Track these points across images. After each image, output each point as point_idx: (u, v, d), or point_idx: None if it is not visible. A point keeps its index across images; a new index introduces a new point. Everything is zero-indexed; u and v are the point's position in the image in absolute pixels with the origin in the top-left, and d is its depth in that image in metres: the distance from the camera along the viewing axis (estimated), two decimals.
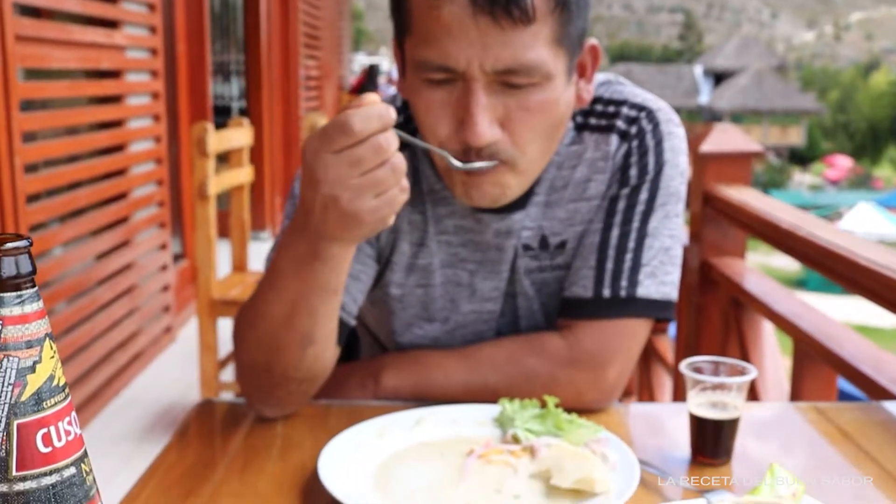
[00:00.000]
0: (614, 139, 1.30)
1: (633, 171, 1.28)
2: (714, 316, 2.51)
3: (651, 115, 1.31)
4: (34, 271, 0.51)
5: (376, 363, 1.32)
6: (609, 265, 1.26)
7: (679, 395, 2.77)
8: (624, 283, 1.25)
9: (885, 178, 52.98)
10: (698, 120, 50.39)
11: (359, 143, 1.00)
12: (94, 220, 3.97)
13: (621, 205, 1.28)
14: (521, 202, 1.30)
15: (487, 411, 1.18)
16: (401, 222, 1.32)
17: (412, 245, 1.33)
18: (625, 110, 1.31)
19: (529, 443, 1.09)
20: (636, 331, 1.26)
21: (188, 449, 1.21)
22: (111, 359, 4.08)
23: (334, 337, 1.18)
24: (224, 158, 3.74)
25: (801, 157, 53.82)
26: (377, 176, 1.01)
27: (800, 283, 20.51)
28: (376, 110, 1.00)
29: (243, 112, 8.06)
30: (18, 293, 0.50)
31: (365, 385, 1.30)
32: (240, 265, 3.80)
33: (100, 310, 3.97)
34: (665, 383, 3.00)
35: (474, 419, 1.17)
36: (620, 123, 1.30)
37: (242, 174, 3.70)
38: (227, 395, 3.93)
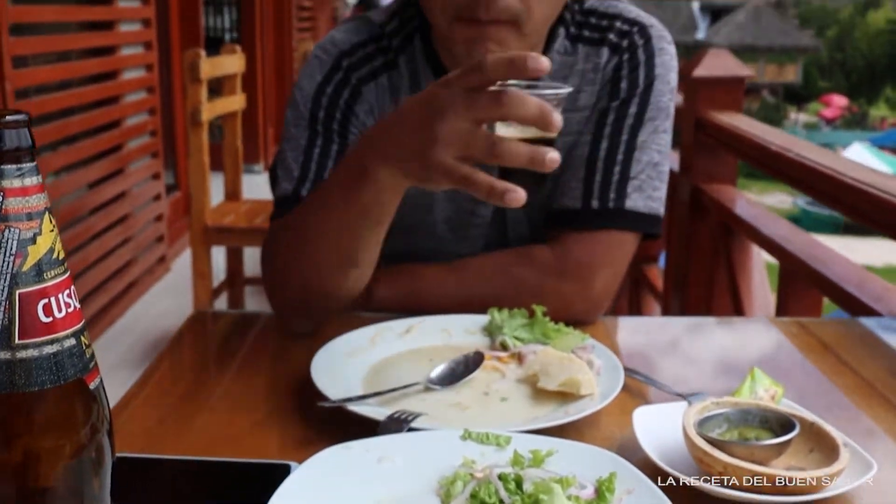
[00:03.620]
0: (605, 52, 1.31)
1: (624, 85, 1.30)
2: (704, 242, 2.53)
3: (643, 31, 1.32)
4: (34, 145, 0.52)
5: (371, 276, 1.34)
6: (598, 177, 1.28)
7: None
8: (612, 194, 1.27)
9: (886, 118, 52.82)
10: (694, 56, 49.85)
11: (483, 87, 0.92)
12: (87, 147, 3.95)
13: (611, 117, 1.29)
14: None
15: (476, 320, 1.20)
16: None
17: None
18: (618, 24, 1.32)
19: (517, 349, 1.11)
20: (624, 243, 1.28)
21: (182, 356, 1.23)
22: (105, 288, 4.10)
23: (376, 262, 1.18)
24: (216, 91, 3.72)
25: (796, 96, 53.47)
26: (473, 136, 0.92)
27: (793, 222, 20.56)
28: (511, 59, 0.89)
29: (235, 42, 7.97)
30: (18, 166, 0.52)
31: (358, 296, 1.32)
32: (233, 194, 3.81)
33: (93, 238, 3.98)
34: (655, 311, 3.04)
35: (463, 327, 1.19)
36: (612, 37, 1.32)
37: (235, 101, 3.68)
38: None
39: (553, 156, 0.91)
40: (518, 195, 0.91)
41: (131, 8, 4.49)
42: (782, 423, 0.88)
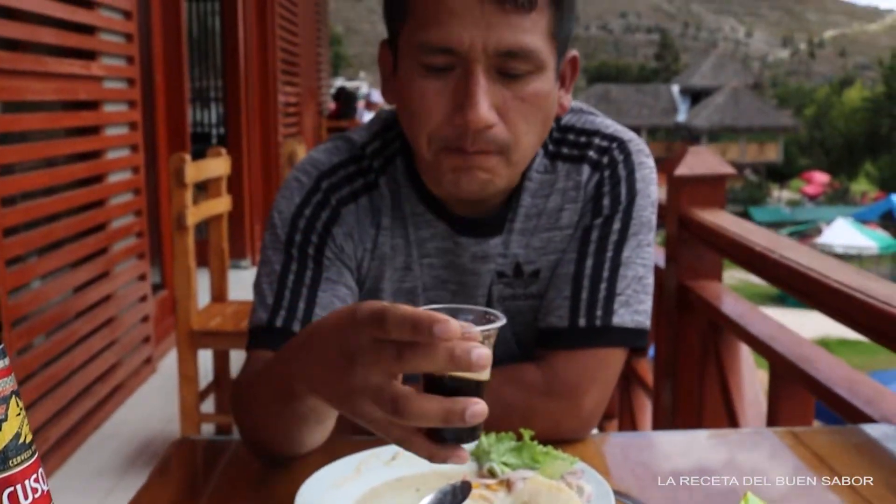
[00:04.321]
0: (586, 169, 1.32)
1: (606, 201, 1.30)
2: (692, 339, 2.53)
3: (622, 146, 1.33)
4: (1, 329, 0.51)
5: None
6: (584, 295, 1.27)
7: (659, 417, 2.78)
8: (599, 312, 1.26)
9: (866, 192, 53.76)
10: (676, 138, 50.87)
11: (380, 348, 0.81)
12: (73, 252, 3.96)
13: (595, 235, 1.29)
14: (497, 227, 1.31)
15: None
16: (384, 248, 1.32)
17: (397, 270, 1.34)
18: (596, 140, 1.33)
19: (505, 476, 1.09)
20: (612, 360, 1.27)
21: (165, 488, 1.20)
22: (90, 392, 4.06)
23: (325, 434, 1.13)
24: (203, 185, 3.74)
25: (778, 174, 54.47)
26: (381, 392, 0.81)
27: (780, 299, 20.60)
28: (415, 323, 0.78)
29: (222, 139, 8.06)
30: None
31: (343, 420, 1.30)
32: (219, 295, 3.79)
33: (78, 342, 3.95)
34: (646, 405, 3.01)
35: None
36: (592, 153, 1.32)
37: (220, 204, 3.70)
38: (208, 427, 3.91)
39: (475, 409, 0.79)
40: (460, 457, 0.82)
41: (119, 112, 4.54)
42: None
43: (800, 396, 1.85)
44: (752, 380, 2.21)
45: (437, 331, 0.76)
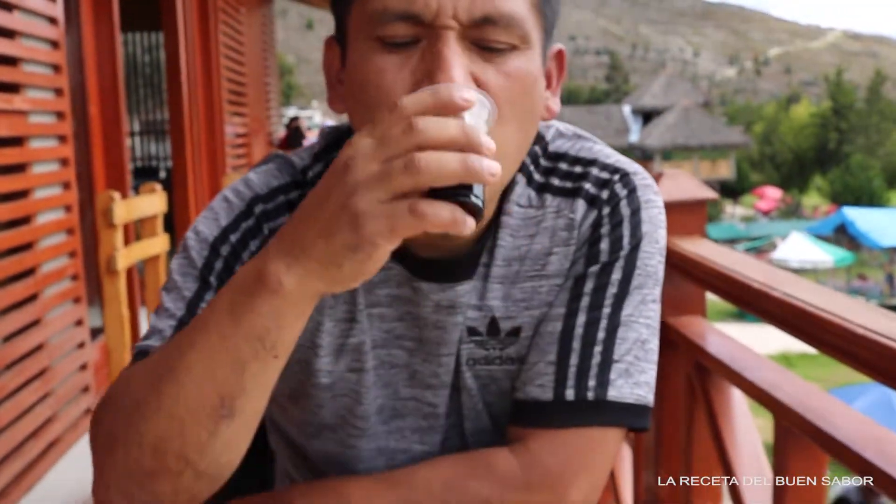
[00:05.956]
0: (581, 205, 1.07)
1: (605, 245, 1.05)
2: (677, 381, 2.29)
3: (626, 179, 1.08)
4: None
5: (284, 497, 1.06)
6: (573, 360, 1.02)
7: (640, 467, 2.55)
8: (591, 382, 1.01)
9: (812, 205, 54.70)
10: (630, 158, 51.12)
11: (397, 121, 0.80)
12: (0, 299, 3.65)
13: (589, 286, 1.04)
14: (467, 270, 1.05)
15: None
16: (321, 298, 1.06)
17: (339, 322, 1.07)
18: (594, 171, 1.08)
19: None
20: (605, 442, 1.02)
21: None
22: (21, 451, 3.74)
23: (257, 421, 0.90)
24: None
25: (731, 190, 55.17)
26: (393, 168, 0.78)
27: (738, 315, 20.57)
28: (437, 92, 0.80)
29: (170, 172, 7.80)
30: None
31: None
32: None
33: (8, 397, 3.64)
34: (624, 453, 2.77)
35: None
36: (589, 186, 1.07)
37: (156, 244, 3.42)
38: None
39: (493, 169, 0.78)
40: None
41: (47, 148, 4.24)
42: None
43: (811, 453, 1.61)
44: (748, 429, 1.98)
45: (458, 99, 0.79)
